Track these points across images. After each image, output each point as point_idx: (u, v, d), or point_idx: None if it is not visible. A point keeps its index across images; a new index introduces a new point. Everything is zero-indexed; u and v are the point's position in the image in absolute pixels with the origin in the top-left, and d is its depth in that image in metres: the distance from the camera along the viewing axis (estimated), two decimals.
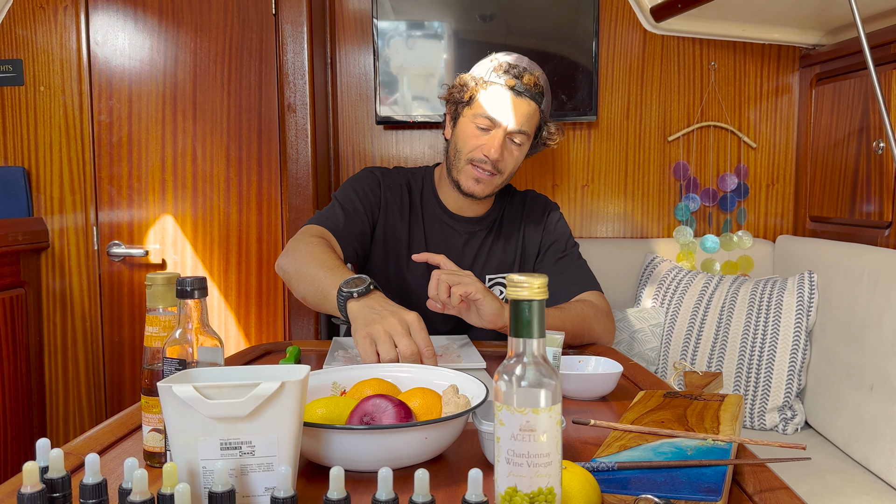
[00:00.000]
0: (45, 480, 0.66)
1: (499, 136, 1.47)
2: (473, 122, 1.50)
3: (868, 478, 1.59)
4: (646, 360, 2.03)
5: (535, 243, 1.63)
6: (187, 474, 0.67)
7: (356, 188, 1.58)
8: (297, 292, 1.39)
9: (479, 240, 1.63)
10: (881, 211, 1.86)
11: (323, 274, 1.29)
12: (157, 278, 0.84)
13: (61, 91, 2.18)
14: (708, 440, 0.83)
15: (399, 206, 1.60)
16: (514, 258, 1.63)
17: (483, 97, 1.49)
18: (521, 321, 0.61)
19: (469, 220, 1.63)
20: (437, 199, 1.63)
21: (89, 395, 2.25)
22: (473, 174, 1.51)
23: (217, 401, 0.66)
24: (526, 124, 1.49)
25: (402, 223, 1.60)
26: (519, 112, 1.48)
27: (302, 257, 1.37)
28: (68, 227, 2.21)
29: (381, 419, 0.82)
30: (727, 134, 2.31)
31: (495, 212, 1.65)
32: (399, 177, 1.64)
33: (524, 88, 1.47)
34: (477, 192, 1.53)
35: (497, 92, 1.47)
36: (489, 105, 1.48)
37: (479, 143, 1.49)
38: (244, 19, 2.14)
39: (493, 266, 1.62)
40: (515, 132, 1.49)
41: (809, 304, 1.89)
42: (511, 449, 0.60)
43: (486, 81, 1.48)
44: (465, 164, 1.51)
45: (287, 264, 1.41)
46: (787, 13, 2.08)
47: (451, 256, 1.61)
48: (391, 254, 1.60)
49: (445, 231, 1.62)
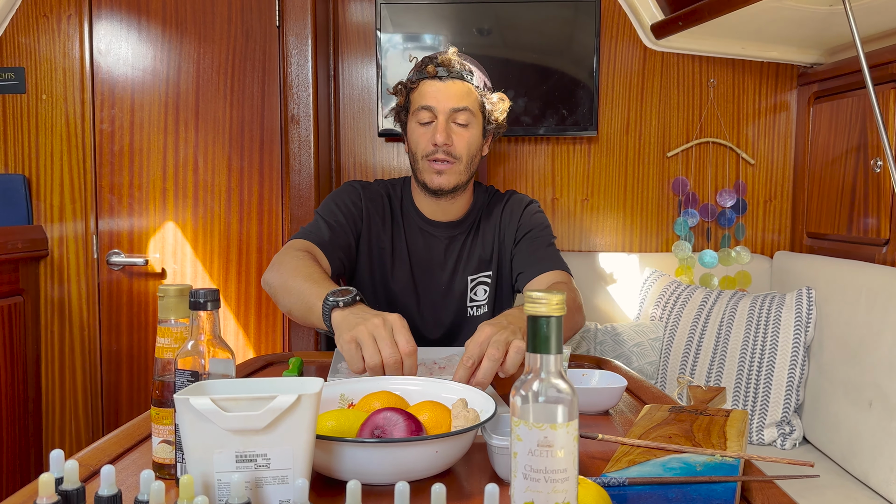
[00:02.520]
0: (59, 492, 0.66)
1: (440, 121, 1.50)
2: (416, 121, 1.54)
3: (867, 493, 1.60)
4: (644, 374, 2.04)
5: (512, 233, 1.63)
6: (202, 487, 0.67)
7: (338, 202, 1.60)
8: (282, 305, 1.39)
9: (459, 243, 1.64)
10: (879, 228, 1.88)
11: (308, 286, 1.29)
12: (170, 290, 0.85)
13: (63, 99, 2.18)
14: (716, 456, 0.84)
15: (381, 216, 1.62)
16: (492, 252, 1.63)
17: (415, 95, 1.54)
18: (538, 337, 0.61)
19: (447, 225, 1.64)
20: (415, 207, 1.65)
21: (86, 404, 2.24)
22: (433, 168, 1.53)
23: (234, 413, 0.66)
24: (462, 101, 1.51)
25: (385, 233, 1.62)
26: (450, 93, 1.50)
27: (287, 271, 1.38)
28: (68, 235, 2.21)
29: (392, 432, 0.82)
30: (726, 150, 2.33)
31: (474, 213, 1.66)
32: (379, 188, 1.67)
33: (445, 72, 1.50)
34: (443, 185, 1.54)
35: (423, 85, 1.52)
36: (421, 98, 1.52)
37: (426, 137, 1.52)
38: (248, 30, 2.15)
39: (473, 266, 1.63)
40: (455, 112, 1.51)
41: (808, 320, 1.90)
42: (528, 464, 0.60)
43: (413, 80, 1.54)
44: (423, 161, 1.54)
45: (272, 278, 1.41)
46: (786, 32, 2.11)
47: (434, 263, 1.62)
48: (376, 265, 1.61)
49: (427, 238, 1.63)
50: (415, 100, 1.53)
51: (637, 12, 2.27)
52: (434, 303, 1.61)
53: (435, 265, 1.62)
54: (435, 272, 1.62)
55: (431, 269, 1.62)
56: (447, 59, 1.51)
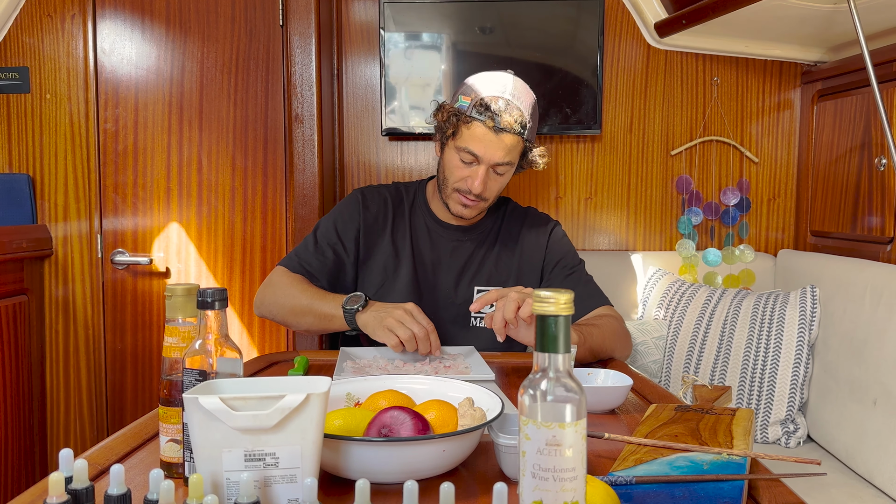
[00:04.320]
0: (68, 491, 0.66)
1: (481, 171, 1.50)
2: (458, 155, 1.52)
3: (872, 492, 1.60)
4: (648, 372, 2.04)
5: (538, 260, 1.65)
6: (211, 486, 0.68)
7: (336, 220, 1.65)
8: (297, 326, 1.52)
9: (469, 250, 1.64)
10: (883, 227, 1.87)
11: (319, 303, 1.46)
12: (178, 289, 0.85)
13: (67, 99, 2.19)
14: (723, 454, 0.84)
15: (381, 222, 1.64)
16: (510, 275, 1.64)
17: (466, 133, 1.49)
18: (547, 336, 0.61)
19: (457, 229, 1.65)
20: (428, 208, 1.68)
21: (90, 403, 2.25)
22: (461, 201, 1.56)
23: (243, 412, 0.66)
24: (508, 155, 1.51)
25: (384, 238, 1.64)
26: (500, 147, 1.48)
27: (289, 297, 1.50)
28: (72, 234, 2.21)
29: (399, 431, 0.82)
30: (729, 148, 2.33)
31: (488, 223, 1.67)
32: (384, 191, 1.69)
33: (505, 125, 1.47)
34: (465, 215, 1.59)
35: (479, 129, 1.47)
36: (471, 142, 1.49)
37: (463, 174, 1.53)
38: (251, 30, 2.15)
39: (483, 278, 1.63)
40: (499, 164, 1.51)
41: (812, 318, 1.90)
42: (537, 463, 0.60)
43: (470, 117, 1.48)
44: (452, 192, 1.56)
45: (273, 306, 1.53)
46: (790, 31, 2.10)
47: (438, 263, 1.63)
48: (380, 269, 1.63)
49: (433, 238, 1.65)
50: (463, 135, 1.50)
51: (641, 11, 2.27)
52: (435, 303, 1.61)
53: (438, 265, 1.63)
54: (438, 272, 1.63)
55: (435, 268, 1.63)
56: (510, 122, 1.46)
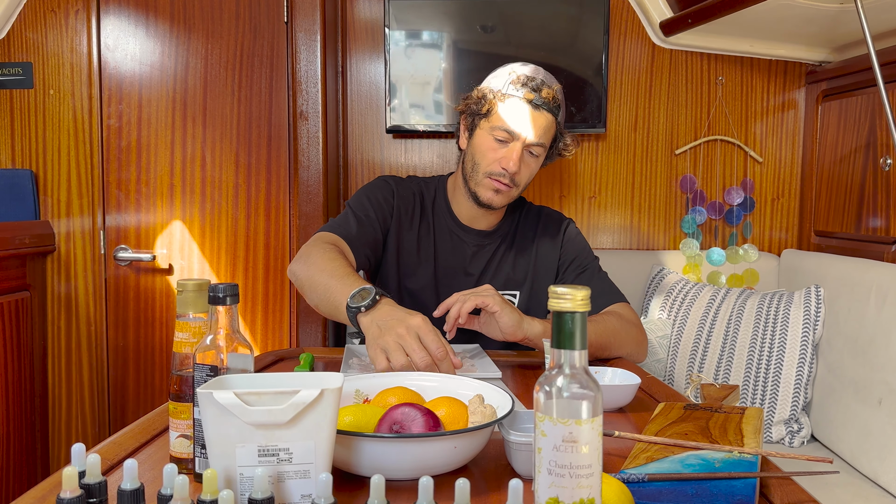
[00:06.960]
0: (81, 485, 0.66)
1: (517, 148, 1.48)
2: (491, 135, 1.50)
3: (877, 492, 1.60)
4: (652, 371, 2.04)
5: (553, 260, 1.63)
6: (224, 481, 0.67)
7: (370, 196, 1.59)
8: (309, 300, 1.40)
9: (489, 253, 1.63)
10: (887, 227, 1.87)
11: (334, 283, 1.30)
12: (188, 284, 0.84)
13: (70, 95, 2.18)
14: (734, 452, 0.83)
15: (410, 215, 1.61)
16: (526, 275, 1.62)
17: (502, 109, 1.48)
18: (563, 333, 0.61)
19: (479, 233, 1.63)
20: (450, 209, 1.64)
21: (92, 400, 2.24)
22: (493, 185, 1.51)
23: (257, 407, 0.66)
24: (543, 136, 1.50)
25: (412, 233, 1.60)
26: (537, 125, 1.48)
27: (314, 265, 1.38)
28: (75, 230, 2.21)
29: (410, 428, 0.82)
30: (734, 148, 2.33)
31: (507, 225, 1.65)
32: (412, 186, 1.65)
33: (542, 101, 1.47)
34: (495, 203, 1.54)
35: (515, 104, 1.47)
36: (508, 117, 1.48)
37: (497, 155, 1.50)
38: (256, 26, 2.15)
39: (501, 281, 1.62)
40: (533, 144, 1.49)
41: (816, 318, 1.90)
42: (553, 460, 0.60)
43: (505, 94, 1.48)
44: (484, 177, 1.52)
45: (299, 270, 1.42)
46: (795, 30, 2.10)
47: (459, 267, 1.61)
48: (402, 263, 1.60)
49: (455, 242, 1.62)
50: (498, 113, 1.49)
51: (646, 10, 2.26)
52: None
53: (459, 270, 1.61)
54: (458, 276, 1.61)
55: (455, 272, 1.61)
56: (550, 95, 1.46)
